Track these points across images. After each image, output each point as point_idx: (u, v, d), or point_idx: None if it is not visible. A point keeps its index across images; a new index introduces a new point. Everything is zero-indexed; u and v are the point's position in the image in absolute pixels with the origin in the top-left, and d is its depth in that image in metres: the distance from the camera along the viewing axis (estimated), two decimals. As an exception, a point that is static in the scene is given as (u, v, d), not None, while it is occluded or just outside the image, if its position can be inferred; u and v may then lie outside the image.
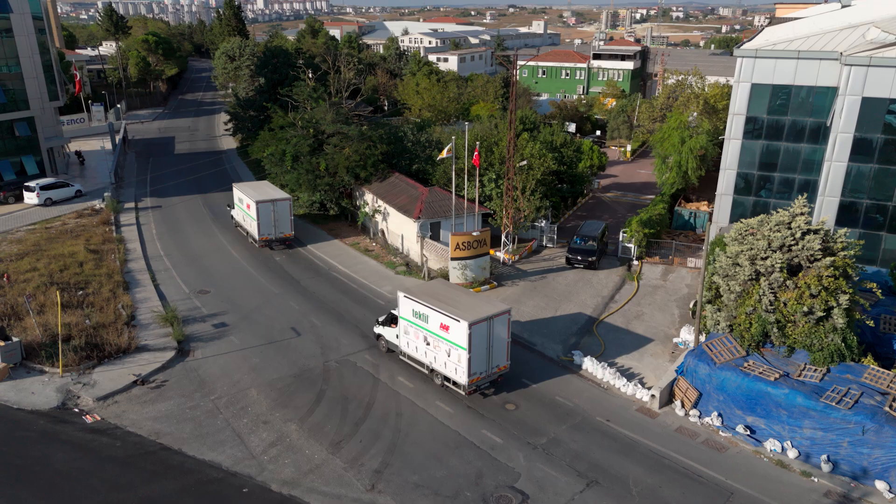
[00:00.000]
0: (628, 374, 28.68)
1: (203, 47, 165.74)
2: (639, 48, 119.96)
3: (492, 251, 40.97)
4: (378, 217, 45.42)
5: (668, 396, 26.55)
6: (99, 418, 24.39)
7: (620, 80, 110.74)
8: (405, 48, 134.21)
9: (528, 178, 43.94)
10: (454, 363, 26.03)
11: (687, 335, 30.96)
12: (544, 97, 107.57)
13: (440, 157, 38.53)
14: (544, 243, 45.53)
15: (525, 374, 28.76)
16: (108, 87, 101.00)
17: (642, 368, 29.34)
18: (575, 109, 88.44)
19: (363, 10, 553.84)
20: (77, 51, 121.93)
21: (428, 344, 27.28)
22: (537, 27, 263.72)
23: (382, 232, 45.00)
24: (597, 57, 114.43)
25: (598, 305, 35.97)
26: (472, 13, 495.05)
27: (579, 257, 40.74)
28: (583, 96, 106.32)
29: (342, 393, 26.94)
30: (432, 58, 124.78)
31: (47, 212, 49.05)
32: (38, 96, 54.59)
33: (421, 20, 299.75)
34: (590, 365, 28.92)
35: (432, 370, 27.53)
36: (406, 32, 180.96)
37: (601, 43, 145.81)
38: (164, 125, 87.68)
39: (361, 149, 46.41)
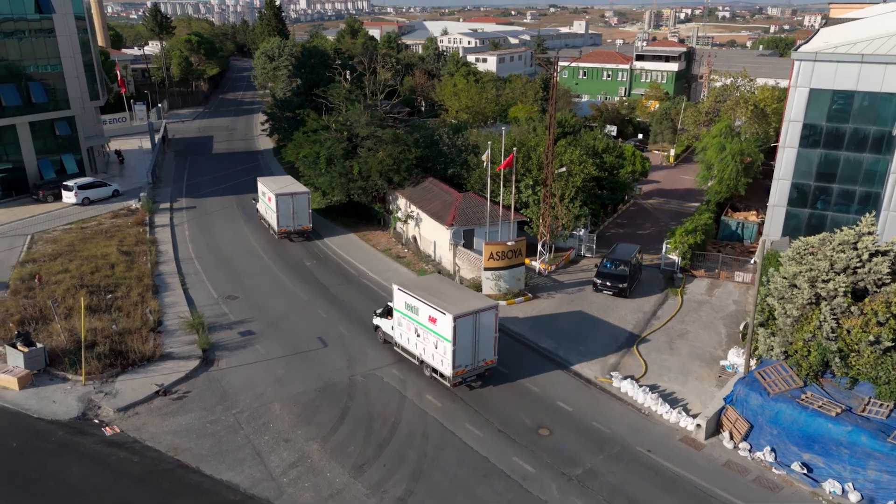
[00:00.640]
0: (671, 400, 26.85)
1: (245, 47, 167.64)
2: (684, 49, 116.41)
3: (527, 260, 39.38)
4: (411, 223, 44.28)
5: (716, 426, 24.68)
6: (118, 430, 23.75)
7: (664, 81, 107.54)
8: (444, 48, 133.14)
9: (568, 185, 42.24)
10: (440, 355, 26.55)
11: (735, 358, 28.92)
12: (585, 99, 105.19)
13: (484, 163, 37.15)
14: (582, 253, 43.73)
15: (560, 396, 27.20)
16: (151, 86, 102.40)
17: (686, 393, 27.47)
18: (616, 112, 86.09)
19: (403, 10, 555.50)
20: (123, 50, 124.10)
21: (418, 336, 27.83)
22: (578, 27, 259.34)
23: (415, 238, 43.85)
24: (640, 58, 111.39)
25: (638, 322, 34.10)
26: (513, 13, 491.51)
27: (608, 283, 36.53)
28: (624, 98, 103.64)
29: (367, 410, 25.82)
30: (471, 58, 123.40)
31: (84, 211, 49.31)
32: (79, 96, 55.08)
33: (461, 20, 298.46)
34: (630, 388, 27.18)
35: (422, 361, 28.07)
36: (445, 32, 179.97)
37: (643, 43, 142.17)
38: (203, 124, 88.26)
39: (395, 152, 45.34)
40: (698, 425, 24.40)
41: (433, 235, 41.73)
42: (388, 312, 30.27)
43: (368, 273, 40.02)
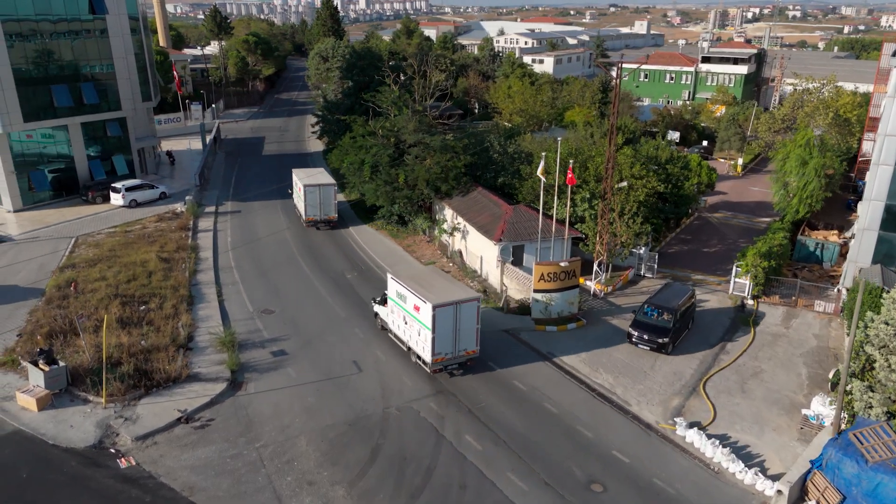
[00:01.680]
0: (745, 455, 23.54)
1: (303, 47, 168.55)
2: (754, 50, 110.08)
3: (581, 279, 36.42)
4: (457, 235, 41.88)
5: (800, 493, 21.31)
6: (134, 463, 22.16)
7: (732, 85, 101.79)
8: (500, 49, 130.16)
9: (628, 200, 39.02)
10: (423, 342, 27.59)
11: (821, 407, 25.29)
12: (646, 102, 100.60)
13: (540, 175, 34.53)
14: (642, 273, 40.42)
15: (616, 443, 24.25)
16: (208, 85, 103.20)
17: (763, 448, 24.09)
18: (679, 116, 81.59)
19: (461, 10, 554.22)
20: (185, 50, 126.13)
21: (406, 323, 28.98)
22: (640, 27, 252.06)
23: (460, 252, 41.37)
24: (706, 60, 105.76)
25: (705, 356, 30.70)
26: (572, 13, 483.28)
27: (645, 336, 30.38)
28: (688, 102, 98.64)
29: (400, 450, 23.51)
30: (527, 59, 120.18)
31: (130, 214, 48.87)
32: (131, 97, 54.81)
33: (518, 20, 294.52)
34: (696, 438, 24.01)
35: (409, 348, 29.13)
36: (502, 33, 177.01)
37: (708, 44, 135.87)
38: (256, 125, 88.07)
39: (443, 160, 43.00)
40: (779, 491, 21.07)
41: (480, 250, 39.22)
42: (384, 300, 31.20)
43: (411, 289, 37.77)
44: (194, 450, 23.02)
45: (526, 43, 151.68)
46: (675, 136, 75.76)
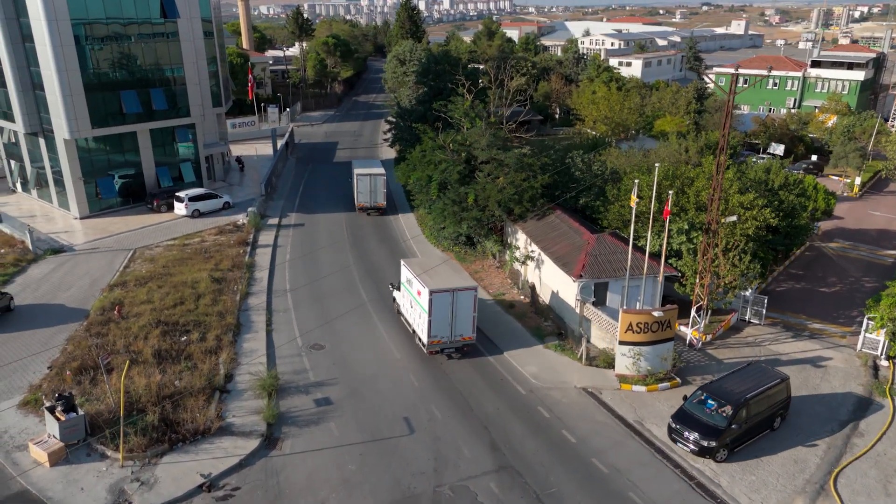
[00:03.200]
0: None
1: (384, 48, 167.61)
2: (872, 55, 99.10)
3: (676, 325, 31.12)
4: (530, 264, 37.41)
5: None
6: (141, 543, 19.21)
7: (845, 92, 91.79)
8: (585, 50, 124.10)
9: (735, 233, 33.39)
10: (422, 325, 29.29)
11: None
12: (745, 111, 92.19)
13: (631, 203, 29.89)
14: (747, 318, 34.65)
15: (722, 560, 19.27)
16: (286, 87, 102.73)
17: (922, 586, 18.51)
18: (784, 127, 73.50)
19: (546, 10, 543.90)
20: (268, 52, 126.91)
21: (411, 307, 30.79)
22: (736, 27, 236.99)
23: (533, 286, 36.76)
24: (816, 64, 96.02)
25: (833, 439, 24.94)
26: (661, 12, 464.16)
27: (686, 432, 23.42)
28: (794, 111, 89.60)
29: (451, 549, 19.47)
30: (614, 61, 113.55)
31: (192, 224, 47.26)
32: (200, 102, 53.38)
33: (604, 20, 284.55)
34: (831, 566, 18.70)
35: (413, 331, 30.87)
36: (587, 33, 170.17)
37: (811, 45, 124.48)
38: (331, 129, 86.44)
39: (518, 180, 38.60)
40: None
41: (555, 284, 34.61)
42: (400, 286, 32.75)
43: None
44: (212, 530, 19.84)
45: (612, 44, 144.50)
46: (779, 149, 68.16)
